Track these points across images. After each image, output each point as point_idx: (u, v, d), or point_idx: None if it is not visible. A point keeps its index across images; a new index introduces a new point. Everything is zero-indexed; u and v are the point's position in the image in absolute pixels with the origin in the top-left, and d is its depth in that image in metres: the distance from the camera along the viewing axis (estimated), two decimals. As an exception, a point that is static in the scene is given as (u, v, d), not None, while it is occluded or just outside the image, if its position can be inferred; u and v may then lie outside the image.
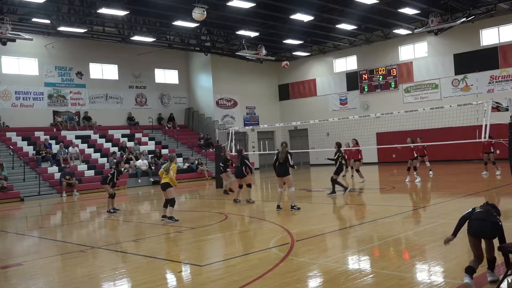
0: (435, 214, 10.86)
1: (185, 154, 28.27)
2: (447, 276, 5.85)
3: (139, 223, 12.33)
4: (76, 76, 27.65)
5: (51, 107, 26.65)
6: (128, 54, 28.99)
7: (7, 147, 23.12)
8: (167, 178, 11.39)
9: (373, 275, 6.08)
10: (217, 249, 8.64)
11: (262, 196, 17.64)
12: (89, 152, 25.33)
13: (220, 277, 6.43)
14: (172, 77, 32.64)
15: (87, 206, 17.53)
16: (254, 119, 34.22)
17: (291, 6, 22.47)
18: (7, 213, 16.47)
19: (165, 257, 7.97)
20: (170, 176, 11.32)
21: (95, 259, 8.26)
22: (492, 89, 25.90)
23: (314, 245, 8.11)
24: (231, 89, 32.92)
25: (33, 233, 11.69)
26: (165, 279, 6.70)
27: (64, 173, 21.12)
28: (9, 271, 7.50)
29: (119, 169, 14.60)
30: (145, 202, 18.50)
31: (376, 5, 22.55)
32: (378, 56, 30.46)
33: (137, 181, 24.15)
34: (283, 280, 5.95)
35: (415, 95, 28.94)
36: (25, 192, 20.22)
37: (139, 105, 30.46)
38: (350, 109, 31.35)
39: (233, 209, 13.60)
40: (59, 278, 7.02)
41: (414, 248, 7.52)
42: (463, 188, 15.35)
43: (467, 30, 26.06)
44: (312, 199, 15.04)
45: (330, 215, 12.08)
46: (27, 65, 26.00)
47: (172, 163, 11.52)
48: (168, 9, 22.32)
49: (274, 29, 27.06)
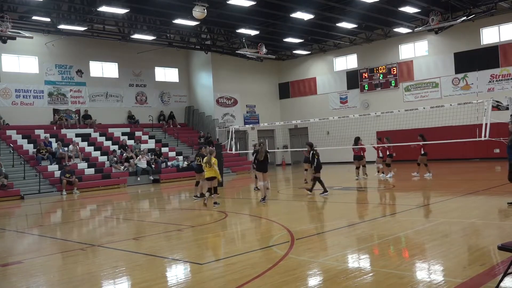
0: (435, 212, 10.86)
1: (185, 153, 28.28)
2: (447, 275, 5.85)
3: (139, 221, 12.33)
4: (76, 74, 27.63)
5: (51, 105, 26.64)
6: (128, 52, 28.97)
7: (7, 145, 23.12)
8: (212, 171, 13.23)
9: (373, 274, 6.08)
10: (217, 247, 8.65)
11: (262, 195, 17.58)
12: (89, 150, 25.34)
13: (220, 275, 6.44)
14: (173, 76, 32.62)
15: (87, 204, 17.54)
16: (254, 117, 34.21)
17: (291, 4, 22.46)
18: (7, 211, 16.48)
19: (165, 255, 7.98)
20: (214, 169, 13.18)
21: (95, 257, 8.26)
22: (492, 88, 25.89)
23: (314, 244, 8.11)
24: (231, 87, 32.90)
25: (33, 231, 11.71)
26: (165, 277, 6.71)
27: (64, 171, 21.13)
28: (9, 269, 7.51)
29: None
30: (145, 200, 18.50)
31: (376, 3, 22.54)
32: (378, 54, 30.44)
33: (137, 179, 24.16)
34: (283, 279, 5.95)
35: (415, 94, 28.94)
36: (25, 190, 20.23)
37: (139, 104, 30.45)
38: (350, 108, 31.35)
39: (233, 207, 13.60)
40: (59, 276, 7.02)
41: (414, 246, 7.52)
42: (463, 187, 15.35)
43: (468, 29, 26.05)
44: (312, 198, 15.03)
45: (330, 213, 12.08)
46: (27, 63, 25.98)
47: (212, 157, 13.28)
48: (168, 8, 22.32)
49: (275, 28, 27.05)
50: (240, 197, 17.07)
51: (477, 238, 7.98)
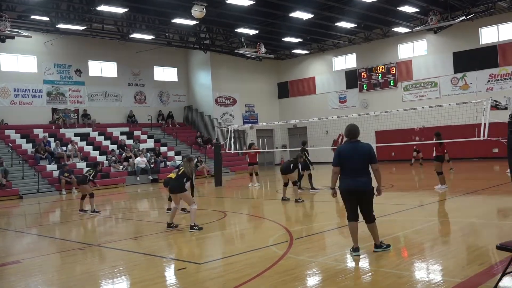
0: (434, 212, 10.87)
1: (184, 152, 28.24)
2: (446, 275, 5.85)
3: (138, 221, 12.32)
4: (75, 73, 27.60)
5: (50, 105, 26.61)
6: (127, 51, 28.94)
7: (6, 144, 23.09)
8: None
9: (372, 273, 6.09)
10: (216, 247, 8.64)
11: (261, 194, 17.60)
12: (88, 149, 25.32)
13: (219, 275, 6.44)
14: (171, 75, 32.60)
15: (86, 204, 17.49)
16: (253, 117, 34.20)
17: (290, 3, 22.45)
18: (5, 210, 16.46)
19: (163, 254, 7.97)
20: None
21: (94, 256, 8.26)
22: (491, 88, 25.92)
23: (313, 243, 8.11)
24: (230, 87, 32.89)
25: (31, 231, 11.69)
26: (164, 277, 6.70)
27: (63, 171, 21.11)
28: (8, 269, 7.49)
29: (98, 170, 14.15)
30: (143, 200, 18.49)
31: (375, 3, 22.55)
32: (377, 54, 30.45)
33: (136, 179, 24.15)
34: (282, 278, 5.95)
35: (414, 94, 28.95)
36: (24, 190, 20.21)
37: (138, 103, 30.43)
38: (349, 107, 31.35)
39: (232, 207, 13.60)
40: (58, 276, 7.02)
41: (413, 246, 7.52)
42: (462, 187, 15.37)
43: (467, 29, 26.06)
44: (311, 197, 15.03)
45: (329, 213, 12.08)
46: (26, 62, 25.94)
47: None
48: (167, 7, 22.30)
49: (274, 27, 27.05)
50: (239, 197, 17.06)
51: (475, 238, 7.99)
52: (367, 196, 6.77)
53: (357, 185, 6.71)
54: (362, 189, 6.71)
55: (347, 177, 6.78)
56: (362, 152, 6.76)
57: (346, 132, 6.96)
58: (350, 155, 6.75)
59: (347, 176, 6.78)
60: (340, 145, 7.32)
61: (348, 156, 6.76)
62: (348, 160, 6.75)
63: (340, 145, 7.20)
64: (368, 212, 6.83)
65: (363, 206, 6.83)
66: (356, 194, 6.75)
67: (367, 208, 6.82)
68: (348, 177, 6.77)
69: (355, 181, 6.70)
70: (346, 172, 6.79)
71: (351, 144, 6.86)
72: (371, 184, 6.78)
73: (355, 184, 6.72)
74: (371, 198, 6.82)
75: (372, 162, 6.78)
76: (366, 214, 6.85)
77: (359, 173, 6.71)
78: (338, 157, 6.84)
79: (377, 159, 6.94)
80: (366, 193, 6.74)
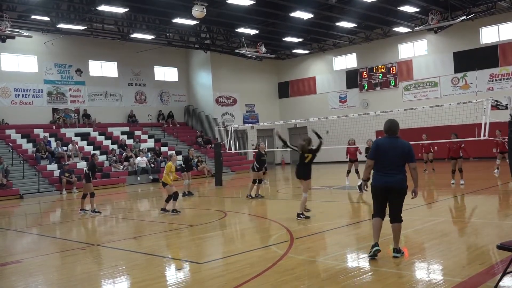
0: (435, 212, 10.87)
1: (185, 152, 28.21)
2: (446, 274, 5.85)
3: (138, 221, 12.33)
4: (75, 73, 27.60)
5: (51, 105, 26.62)
6: (128, 51, 28.94)
7: (6, 144, 23.10)
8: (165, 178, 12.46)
9: (372, 273, 6.09)
10: (216, 246, 8.64)
11: (262, 194, 17.59)
12: (89, 149, 25.31)
13: (219, 275, 6.43)
14: (172, 75, 32.60)
15: (86, 204, 17.49)
16: (253, 116, 34.21)
17: (291, 3, 22.44)
18: (6, 210, 16.46)
19: (164, 254, 7.97)
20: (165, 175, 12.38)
21: (94, 256, 8.26)
22: (491, 87, 25.91)
23: (313, 243, 8.11)
24: (230, 86, 32.89)
25: (32, 231, 11.70)
26: (164, 276, 6.70)
27: (64, 171, 21.12)
28: (8, 268, 7.50)
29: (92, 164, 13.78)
30: (144, 199, 18.49)
31: (376, 3, 22.55)
32: (377, 54, 30.44)
33: (137, 179, 24.16)
34: (282, 278, 5.95)
35: (415, 93, 28.94)
36: (24, 190, 20.21)
37: (139, 103, 30.44)
38: (350, 107, 31.34)
39: (232, 207, 13.60)
40: (58, 276, 7.02)
41: (413, 246, 7.52)
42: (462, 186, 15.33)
43: (467, 28, 26.05)
44: (311, 197, 15.02)
45: (329, 213, 12.07)
46: (26, 62, 25.94)
47: (169, 162, 12.63)
48: (167, 7, 22.30)
49: (274, 27, 27.04)
50: (240, 196, 17.06)
51: (476, 237, 7.99)
52: (400, 194, 6.52)
53: (391, 182, 6.46)
54: (396, 186, 6.47)
55: (381, 173, 6.55)
56: (401, 148, 6.52)
57: (386, 127, 6.68)
58: (388, 150, 6.52)
59: (381, 172, 6.55)
60: (379, 138, 7.05)
61: (385, 151, 6.53)
62: (384, 155, 6.52)
63: (378, 139, 6.94)
64: (397, 212, 6.56)
65: (393, 204, 6.57)
66: (389, 191, 6.51)
67: (396, 207, 6.56)
68: (382, 173, 6.54)
69: (389, 177, 6.47)
70: (380, 167, 6.56)
71: (390, 139, 6.62)
72: (405, 183, 6.54)
73: (389, 180, 6.46)
74: (403, 198, 6.57)
75: (410, 161, 6.53)
76: (395, 213, 6.57)
77: (394, 170, 6.47)
78: (375, 150, 6.62)
79: None
80: (399, 191, 6.50)
